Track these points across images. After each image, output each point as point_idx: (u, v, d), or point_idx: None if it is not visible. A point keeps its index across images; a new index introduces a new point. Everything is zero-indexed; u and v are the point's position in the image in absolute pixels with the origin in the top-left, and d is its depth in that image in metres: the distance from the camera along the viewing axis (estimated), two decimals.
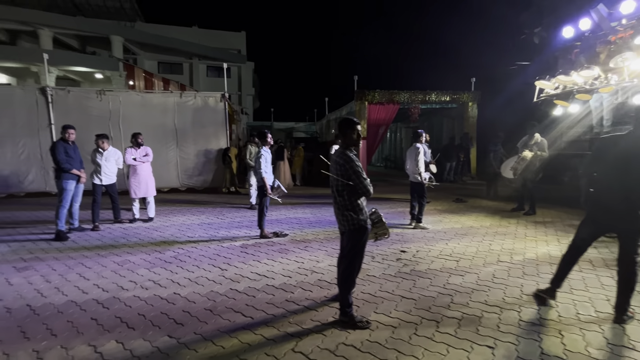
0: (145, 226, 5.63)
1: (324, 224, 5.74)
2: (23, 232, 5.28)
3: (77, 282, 3.34)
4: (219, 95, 9.69)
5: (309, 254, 4.16)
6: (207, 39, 23.27)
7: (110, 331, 2.45)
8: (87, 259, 4.01)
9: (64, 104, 8.60)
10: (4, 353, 2.20)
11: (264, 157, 4.74)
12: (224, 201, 8.09)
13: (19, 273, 3.59)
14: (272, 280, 3.35)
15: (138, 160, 5.68)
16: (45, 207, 7.18)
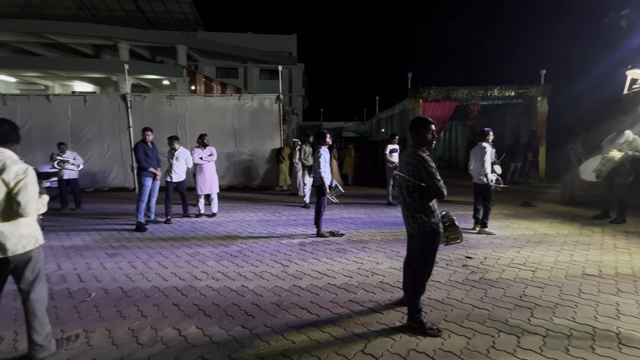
0: (210, 221, 6.03)
1: (380, 225, 5.64)
2: (110, 222, 5.98)
3: (158, 270, 3.68)
4: (274, 97, 10.04)
5: (368, 255, 4.12)
6: (261, 44, 24.28)
7: (191, 317, 2.66)
8: (163, 249, 4.42)
9: (140, 108, 9.58)
10: (107, 329, 2.50)
11: (323, 156, 4.79)
12: (278, 199, 8.36)
13: (110, 259, 4.07)
14: (334, 280, 3.36)
15: (204, 160, 6.11)
16: (125, 200, 8.06)
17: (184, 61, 21.17)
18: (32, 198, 2.01)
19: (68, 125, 9.37)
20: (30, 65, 19.48)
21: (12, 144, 2.10)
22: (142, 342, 2.33)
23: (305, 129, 20.64)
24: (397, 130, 12.40)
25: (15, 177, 1.96)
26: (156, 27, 23.86)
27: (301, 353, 2.20)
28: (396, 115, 12.68)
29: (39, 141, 8.98)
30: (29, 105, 9.39)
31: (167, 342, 2.33)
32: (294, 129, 19.34)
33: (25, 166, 2.03)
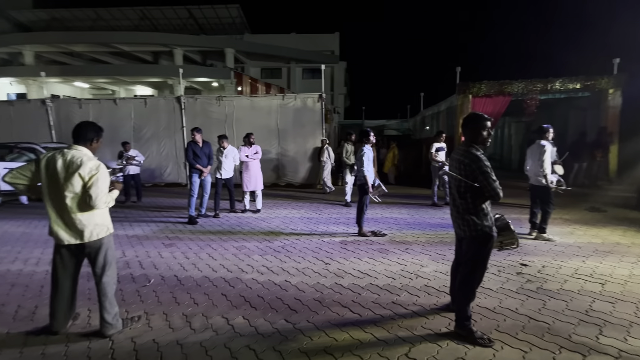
0: (255, 217, 6.27)
1: (424, 226, 5.43)
2: (166, 215, 6.48)
3: (208, 261, 3.92)
4: (317, 96, 10.12)
5: (411, 256, 3.99)
6: (304, 43, 24.64)
7: (238, 308, 2.79)
8: (213, 242, 4.68)
9: (193, 109, 10.24)
10: (164, 312, 2.72)
11: (367, 155, 4.73)
12: (320, 197, 8.43)
13: (166, 248, 4.41)
14: (376, 280, 3.31)
15: (250, 158, 6.36)
16: (178, 195, 8.68)
17: (231, 63, 22.19)
18: (102, 192, 2.23)
19: (131, 126, 10.31)
20: (100, 72, 21.75)
21: (90, 143, 2.35)
22: (195, 327, 2.50)
23: (347, 127, 20.55)
24: (443, 127, 11.85)
25: (89, 172, 2.20)
26: (207, 32, 25.31)
27: (343, 351, 2.20)
28: (443, 112, 12.12)
29: (107, 140, 9.92)
30: (100, 107, 10.49)
31: (217, 330, 2.46)
32: (335, 128, 19.36)
33: (98, 163, 2.26)
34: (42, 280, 3.43)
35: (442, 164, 6.85)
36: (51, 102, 10.43)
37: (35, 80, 20.96)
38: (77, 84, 23.27)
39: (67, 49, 22.47)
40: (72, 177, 2.18)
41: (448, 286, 3.02)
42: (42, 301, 2.95)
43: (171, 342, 2.31)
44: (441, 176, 6.96)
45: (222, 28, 25.30)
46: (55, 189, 2.22)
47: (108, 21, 24.24)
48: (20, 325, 2.57)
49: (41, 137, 9.98)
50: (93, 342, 2.32)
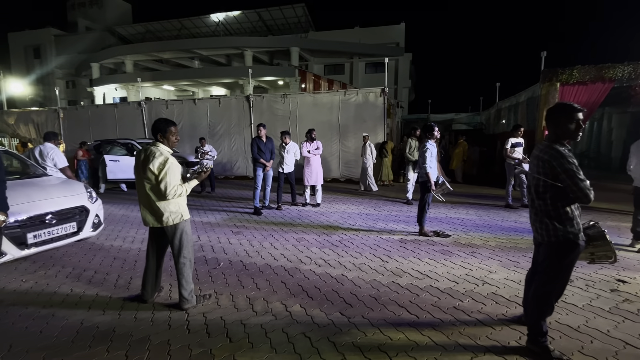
0: (314, 210, 6.44)
1: (494, 229, 4.97)
2: (235, 205, 7.04)
3: (270, 250, 4.16)
4: (379, 90, 9.91)
5: (478, 261, 3.69)
6: (368, 37, 24.25)
7: (296, 296, 2.92)
8: (275, 232, 4.95)
9: (260, 107, 10.88)
10: (230, 294, 2.97)
11: (430, 151, 4.50)
12: (380, 194, 8.28)
13: (234, 236, 4.80)
14: (436, 282, 3.15)
15: (311, 153, 6.53)
16: (246, 187, 9.34)
17: (296, 62, 22.93)
18: (170, 184, 2.47)
19: (207, 123, 11.39)
20: (183, 76, 24.35)
21: (162, 137, 2.57)
22: (257, 310, 2.69)
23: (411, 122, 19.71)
24: (522, 121, 10.63)
25: (158, 167, 2.47)
26: (274, 33, 26.53)
27: (398, 351, 2.15)
28: (522, 103, 10.83)
29: (187, 136, 11.20)
30: (182, 107, 11.79)
31: (276, 315, 2.61)
32: (398, 123, 18.72)
33: (166, 158, 2.48)
34: (136, 255, 4.03)
35: (518, 161, 6.16)
36: (145, 104, 12.06)
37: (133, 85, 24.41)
38: (165, 87, 26.47)
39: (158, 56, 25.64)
40: (147, 171, 2.48)
41: (521, 296, 2.75)
42: (135, 274, 3.47)
43: (236, 321, 2.52)
44: (517, 175, 6.27)
45: (288, 28, 26.24)
46: (140, 180, 2.57)
47: (190, 30, 26.98)
48: (120, 292, 3.06)
49: (137, 134, 11.63)
50: (173, 313, 2.65)
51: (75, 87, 31.14)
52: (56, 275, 3.46)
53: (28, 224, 3.46)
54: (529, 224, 2.26)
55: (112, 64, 27.24)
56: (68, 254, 4.07)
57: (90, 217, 4.08)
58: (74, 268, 3.65)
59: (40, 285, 3.23)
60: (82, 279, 3.36)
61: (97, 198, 4.38)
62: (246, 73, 21.57)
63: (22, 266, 3.70)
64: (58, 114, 13.13)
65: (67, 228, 3.81)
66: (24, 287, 3.20)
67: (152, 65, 27.26)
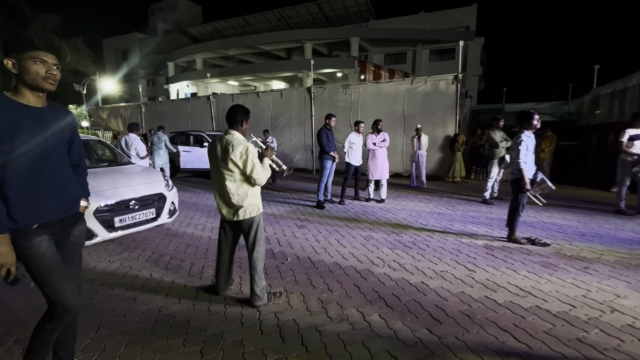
0: (379, 207, 6.05)
1: (608, 240, 4.08)
2: (296, 197, 6.97)
3: (337, 247, 3.91)
4: (451, 77, 9.02)
5: (596, 280, 2.99)
6: (434, 22, 22.61)
7: (372, 303, 2.61)
8: (340, 228, 4.70)
9: (321, 99, 10.70)
10: (301, 293, 2.79)
11: (525, 143, 3.81)
12: (450, 191, 7.55)
13: (299, 230, 4.67)
14: (545, 303, 2.59)
15: (377, 145, 6.12)
16: (305, 180, 9.28)
17: (356, 52, 22.37)
18: (257, 170, 2.37)
19: (269, 116, 11.59)
20: (246, 71, 25.40)
21: (240, 125, 2.47)
22: (331, 315, 2.45)
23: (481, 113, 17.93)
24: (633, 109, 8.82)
25: (240, 156, 2.34)
26: (333, 24, 26.20)
27: None
28: (634, 88, 8.97)
29: (251, 128, 11.46)
30: (246, 100, 12.15)
31: (353, 324, 2.35)
32: (466, 114, 17.14)
33: (246, 145, 2.36)
34: (207, 244, 4.10)
35: (638, 157, 5.01)
36: (213, 98, 12.71)
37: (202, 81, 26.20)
38: (230, 83, 27.94)
39: (224, 53, 27.10)
40: (227, 161, 2.37)
41: None
42: (207, 262, 3.49)
43: (310, 327, 2.31)
44: (636, 174, 5.12)
45: (348, 17, 25.69)
46: (216, 172, 2.47)
47: (253, 26, 27.99)
48: (193, 281, 3.07)
49: (206, 127, 12.34)
50: (244, 309, 2.55)
51: (154, 85, 34.62)
52: (138, 258, 3.65)
53: (115, 209, 3.69)
54: None
55: (185, 63, 29.59)
56: (148, 239, 4.31)
57: (167, 204, 4.26)
58: (153, 252, 3.82)
59: (125, 268, 3.42)
60: (159, 264, 3.47)
61: (173, 186, 4.57)
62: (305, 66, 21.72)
63: (110, 247, 3.98)
64: (140, 108, 14.56)
65: (147, 214, 4.01)
66: (111, 268, 3.41)
67: (219, 62, 28.97)
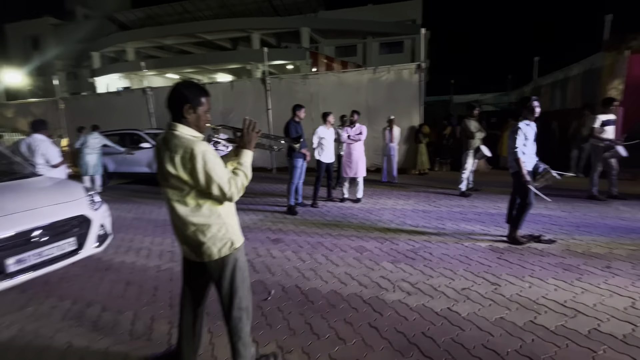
0: (357, 207, 5.43)
1: (603, 229, 3.91)
2: (260, 202, 6.04)
3: (328, 267, 3.17)
4: (414, 66, 8.73)
5: (629, 282, 2.66)
6: (382, 14, 22.67)
7: (404, 355, 1.93)
8: (323, 239, 3.96)
9: (278, 90, 9.76)
10: (303, 351, 1.99)
11: (522, 133, 3.41)
12: (422, 184, 7.24)
13: (274, 245, 3.82)
14: (602, 324, 2.13)
15: (352, 138, 5.48)
16: (266, 180, 8.36)
17: (306, 43, 21.56)
18: (219, 177, 1.50)
19: (220, 110, 10.32)
20: (187, 62, 23.16)
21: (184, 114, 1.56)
22: None
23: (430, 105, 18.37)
24: (575, 98, 9.40)
25: (183, 165, 1.49)
26: (280, 13, 25.01)
27: None
28: (576, 77, 9.53)
29: None
30: None
31: None
32: None
33: (192, 146, 1.48)
34: (154, 278, 3.08)
35: (609, 142, 5.04)
36: (151, 91, 11.01)
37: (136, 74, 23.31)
38: (168, 76, 25.28)
39: (160, 42, 24.40)
40: (167, 174, 1.50)
41: None
42: (157, 309, 2.52)
43: None
44: (607, 160, 5.16)
45: (296, 8, 24.71)
46: (164, 184, 1.57)
47: (192, 13, 25.55)
48: (139, 345, 2.10)
49: (143, 125, 10.63)
50: None
51: (77, 79, 30.11)
52: (50, 314, 2.53)
53: (8, 246, 2.50)
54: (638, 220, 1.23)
55: (113, 53, 26.10)
56: (67, 278, 3.14)
57: (94, 228, 3.12)
58: (75, 302, 2.70)
59: (27, 333, 2.30)
60: (85, 321, 2.41)
61: (102, 203, 3.41)
62: (254, 57, 20.35)
63: (8, 298, 2.76)
64: (57, 104, 12.16)
65: (63, 246, 2.85)
66: (4, 337, 2.27)
67: (154, 53, 26.06)
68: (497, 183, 6.93)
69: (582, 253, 3.26)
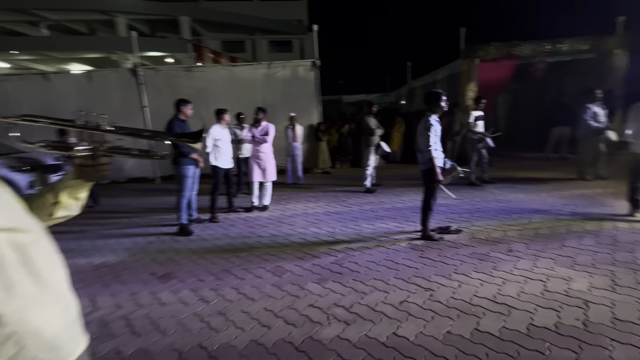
0: (265, 216, 4.80)
1: (491, 213, 4.35)
2: (140, 223, 4.76)
3: (242, 304, 2.47)
4: (309, 63, 8.56)
5: (531, 263, 2.87)
6: (269, 12, 22.22)
7: None
8: (230, 264, 3.20)
9: (155, 84, 8.15)
10: None
11: (435, 129, 3.43)
12: (328, 183, 7.10)
13: (163, 284, 2.86)
14: (536, 317, 2.12)
15: (257, 139, 4.80)
16: (147, 193, 6.87)
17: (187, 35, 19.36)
18: None
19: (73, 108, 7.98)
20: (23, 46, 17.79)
21: None
22: None
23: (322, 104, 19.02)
24: None
25: None
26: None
27: None
28: (441, 81, 11.10)
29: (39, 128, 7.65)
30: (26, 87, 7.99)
31: None
32: None
33: None
34: None
35: (481, 135, 5.80)
36: None
37: None
38: None
39: None
40: None
41: None
42: None
43: None
44: (479, 150, 5.93)
45: None
46: None
47: None
48: None
49: None
50: None
51: None
52: None
53: None
54: (517, 201, 1.52)
55: None
56: None
57: None
58: None
59: None
60: None
61: None
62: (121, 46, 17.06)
63: None
64: None
65: None
66: None
67: None
68: (394, 177, 7.33)
69: (486, 239, 3.47)
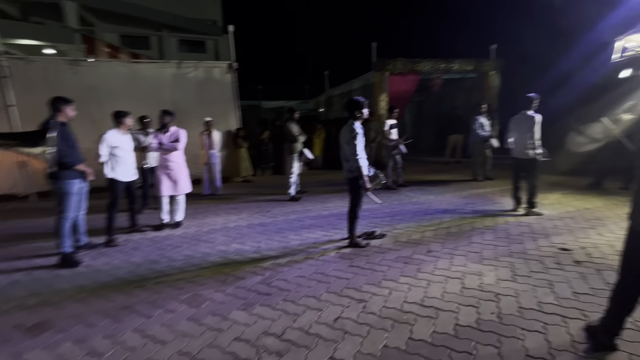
0: (179, 234, 4.21)
1: (408, 216, 4.64)
2: (5, 256, 3.66)
3: (155, 353, 2.00)
4: (225, 65, 8.04)
5: (448, 262, 3.07)
6: (178, 8, 20.44)
7: None
8: (133, 299, 2.63)
9: (27, 79, 6.56)
10: None
11: (360, 136, 3.44)
12: (249, 193, 6.72)
13: (32, 341, 2.16)
14: (460, 317, 2.22)
15: (165, 147, 4.18)
16: (15, 214, 5.44)
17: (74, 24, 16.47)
18: None
19: None
20: None
21: None
22: None
23: None
24: None
25: None
26: None
27: None
28: (357, 90, 11.71)
29: None
30: None
31: None
32: None
33: None
34: None
35: (395, 142, 6.21)
36: None
37: None
38: None
39: None
40: None
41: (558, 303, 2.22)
42: None
43: None
44: (394, 156, 6.35)
45: None
46: None
47: None
48: None
49: None
50: None
51: None
52: None
53: None
54: (429, 203, 1.75)
55: None
56: None
57: None
58: None
59: None
60: None
61: None
62: None
63: None
64: None
65: None
66: None
67: None
68: (318, 183, 7.37)
69: (407, 242, 3.64)
